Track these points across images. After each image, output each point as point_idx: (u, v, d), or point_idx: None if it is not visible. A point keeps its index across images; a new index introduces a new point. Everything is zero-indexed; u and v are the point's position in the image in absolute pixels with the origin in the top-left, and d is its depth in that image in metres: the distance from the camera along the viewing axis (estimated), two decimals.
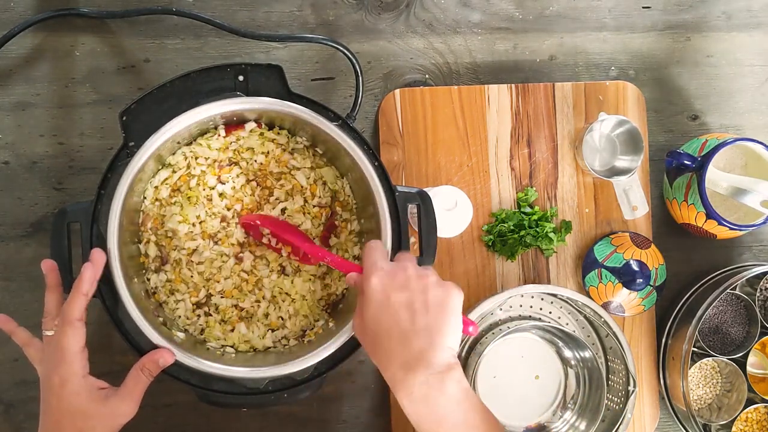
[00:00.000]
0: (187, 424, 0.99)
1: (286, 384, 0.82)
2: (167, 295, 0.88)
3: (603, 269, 1.00)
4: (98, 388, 0.75)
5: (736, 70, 1.09)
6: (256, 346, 0.88)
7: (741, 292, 1.01)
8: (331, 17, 1.04)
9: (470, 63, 1.05)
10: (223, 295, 0.88)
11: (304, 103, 0.84)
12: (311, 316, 0.90)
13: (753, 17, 1.09)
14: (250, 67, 0.84)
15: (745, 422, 1.02)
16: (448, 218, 0.97)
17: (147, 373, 0.77)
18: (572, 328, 1.02)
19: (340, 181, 0.91)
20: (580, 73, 1.07)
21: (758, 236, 1.08)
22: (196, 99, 0.82)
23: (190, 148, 0.88)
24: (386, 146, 1.01)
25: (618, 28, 1.07)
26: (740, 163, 1.02)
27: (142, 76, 1.00)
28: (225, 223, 0.88)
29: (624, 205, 1.04)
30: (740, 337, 1.03)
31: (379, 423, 1.02)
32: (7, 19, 0.99)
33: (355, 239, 0.91)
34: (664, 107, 1.08)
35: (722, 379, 1.04)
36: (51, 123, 0.99)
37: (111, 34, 1.01)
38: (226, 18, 1.01)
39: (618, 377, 0.98)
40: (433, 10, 1.05)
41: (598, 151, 1.04)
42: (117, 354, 0.98)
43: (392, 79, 1.04)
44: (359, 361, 1.02)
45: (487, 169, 1.03)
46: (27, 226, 0.98)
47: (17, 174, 0.99)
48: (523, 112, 1.03)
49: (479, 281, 1.02)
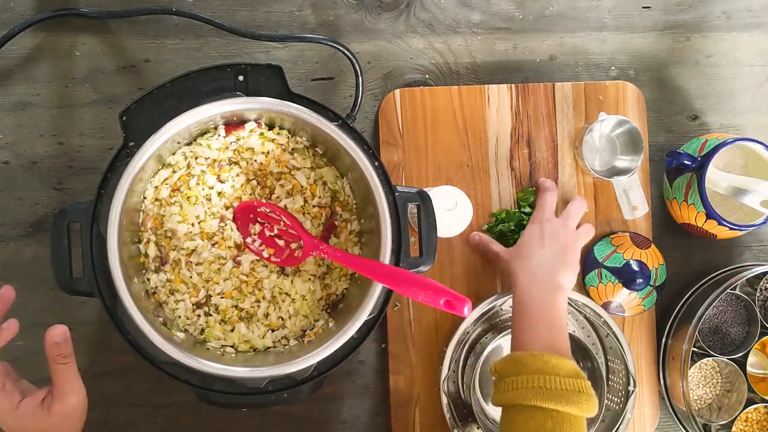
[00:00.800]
0: (187, 424, 0.99)
1: (286, 384, 0.82)
2: (167, 295, 0.88)
3: (603, 269, 1.00)
4: (37, 405, 0.72)
5: (736, 70, 1.09)
6: (256, 346, 0.88)
7: (741, 292, 1.01)
8: (331, 17, 1.04)
9: (470, 63, 1.05)
10: (222, 296, 0.88)
11: (304, 103, 0.84)
12: (311, 316, 0.90)
13: (753, 17, 1.09)
14: (250, 67, 0.84)
15: (745, 422, 1.02)
16: (448, 218, 0.97)
17: (61, 359, 0.72)
18: (572, 328, 1.02)
19: (340, 181, 0.91)
20: (580, 73, 1.07)
21: (758, 236, 1.08)
22: (196, 99, 0.82)
23: (190, 148, 0.88)
24: (386, 146, 1.01)
25: (618, 28, 1.07)
26: (740, 163, 1.02)
27: (142, 76, 1.00)
28: (224, 223, 0.88)
29: (624, 205, 1.04)
30: (740, 337, 1.03)
31: (379, 423, 1.02)
32: (7, 19, 0.99)
33: (355, 239, 0.91)
34: (664, 107, 1.08)
35: (722, 379, 1.04)
36: (51, 123, 0.99)
37: (111, 34, 1.01)
38: (226, 18, 1.01)
39: (618, 377, 0.98)
40: (433, 10, 1.05)
41: (598, 151, 1.04)
42: (117, 354, 0.98)
43: (392, 79, 1.04)
44: (359, 361, 1.02)
45: (487, 169, 1.03)
46: (27, 226, 0.98)
47: (17, 174, 0.99)
48: (523, 112, 1.03)
49: (479, 281, 1.02)
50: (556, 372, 0.80)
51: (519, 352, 0.85)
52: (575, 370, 0.82)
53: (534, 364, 0.81)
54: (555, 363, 0.81)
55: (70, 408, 0.72)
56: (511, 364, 0.83)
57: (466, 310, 0.76)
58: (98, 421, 0.98)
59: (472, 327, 0.98)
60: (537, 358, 0.82)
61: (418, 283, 0.78)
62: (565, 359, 0.82)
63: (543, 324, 0.87)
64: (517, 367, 0.82)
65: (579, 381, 0.81)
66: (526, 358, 0.82)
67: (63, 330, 0.72)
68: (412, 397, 1.00)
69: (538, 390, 0.79)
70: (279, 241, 0.89)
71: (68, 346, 0.72)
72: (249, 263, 0.88)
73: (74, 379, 0.73)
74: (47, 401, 0.72)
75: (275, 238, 0.89)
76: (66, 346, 0.72)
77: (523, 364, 0.82)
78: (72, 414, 0.73)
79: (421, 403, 1.00)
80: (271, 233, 0.89)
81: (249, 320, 0.89)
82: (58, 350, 0.72)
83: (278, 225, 0.89)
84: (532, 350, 0.84)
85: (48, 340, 0.71)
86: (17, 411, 0.71)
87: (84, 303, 0.97)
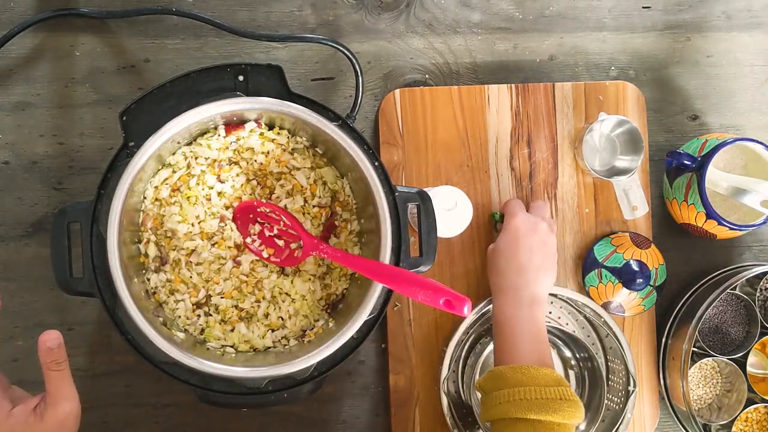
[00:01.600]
0: (187, 424, 0.99)
1: (286, 384, 0.82)
2: (167, 295, 0.88)
3: (603, 269, 1.00)
4: (29, 413, 0.70)
5: (736, 70, 1.09)
6: (256, 346, 0.88)
7: (741, 292, 1.01)
8: (331, 17, 1.04)
9: (470, 63, 1.05)
10: (222, 296, 0.88)
11: (304, 103, 0.84)
12: (311, 316, 0.90)
13: (753, 17, 1.09)
14: (250, 67, 0.84)
15: (745, 422, 1.02)
16: (448, 218, 0.97)
17: (55, 366, 0.70)
18: (572, 328, 1.02)
19: (340, 181, 0.91)
20: (580, 73, 1.07)
21: (758, 236, 1.08)
22: (196, 99, 0.82)
23: (190, 148, 0.88)
24: (386, 146, 1.02)
25: (618, 28, 1.07)
26: (740, 163, 1.02)
27: (142, 76, 1.00)
28: (223, 223, 0.88)
29: (624, 205, 1.04)
30: (740, 337, 1.03)
31: (379, 423, 1.02)
32: (7, 19, 0.99)
33: (355, 239, 0.91)
34: (664, 107, 1.08)
35: (722, 379, 1.04)
36: (51, 123, 0.99)
37: (111, 34, 1.01)
38: (226, 18, 1.01)
39: (618, 377, 0.98)
40: (433, 10, 1.05)
41: (598, 151, 1.04)
42: (117, 354, 0.98)
43: (392, 79, 1.04)
44: (359, 361, 1.02)
45: (487, 169, 1.03)
46: (27, 226, 0.98)
47: (17, 174, 0.99)
48: (523, 112, 1.03)
49: (479, 281, 1.02)
50: (536, 382, 0.81)
51: (500, 367, 0.86)
52: (556, 378, 0.82)
53: (514, 377, 0.82)
54: (534, 373, 0.82)
55: (63, 415, 0.70)
56: (492, 379, 0.84)
57: (465, 310, 0.76)
58: (98, 421, 0.98)
59: (472, 327, 0.98)
60: (516, 370, 0.83)
61: (417, 282, 0.78)
62: (545, 369, 0.83)
63: (521, 338, 0.88)
64: (498, 382, 0.83)
65: (560, 389, 0.81)
66: (506, 371, 0.84)
67: (56, 335, 0.70)
68: (412, 397, 1.00)
69: (519, 402, 0.80)
70: (278, 242, 0.89)
71: (62, 352, 0.71)
72: (249, 263, 0.88)
73: (68, 385, 0.71)
74: (40, 408, 0.71)
75: (275, 238, 0.89)
76: (60, 352, 0.70)
77: (504, 378, 0.83)
78: (65, 421, 0.71)
79: (421, 403, 1.00)
80: (271, 233, 0.89)
81: (249, 320, 0.89)
82: (52, 356, 0.70)
83: (278, 225, 0.89)
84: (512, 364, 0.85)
85: (41, 346, 0.70)
86: (8, 420, 0.69)
87: (84, 303, 0.97)
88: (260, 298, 0.89)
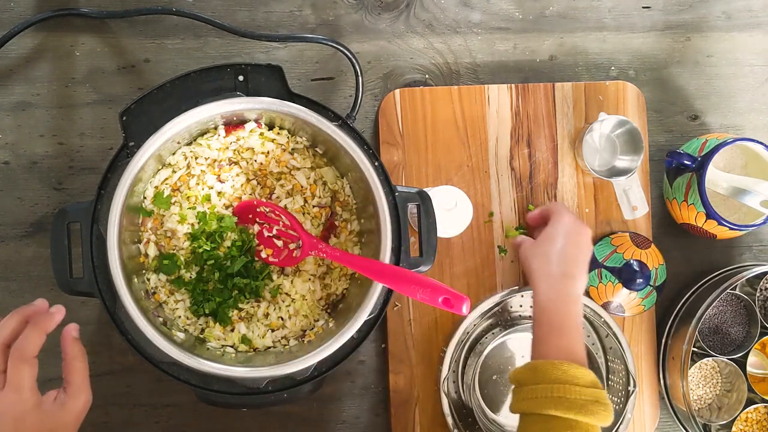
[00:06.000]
0: (187, 424, 0.99)
1: (286, 384, 0.82)
2: (167, 295, 0.88)
3: (603, 269, 1.00)
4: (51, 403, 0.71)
5: (736, 70, 1.09)
6: (256, 345, 0.88)
7: (741, 292, 1.01)
8: (331, 17, 1.04)
9: (470, 63, 1.05)
10: None
11: (304, 103, 0.84)
12: (311, 316, 0.90)
13: (753, 17, 1.09)
14: (250, 67, 0.84)
15: (745, 422, 1.02)
16: (448, 218, 0.97)
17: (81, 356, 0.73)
18: None
19: (340, 181, 0.91)
20: (580, 73, 1.07)
21: (758, 236, 1.08)
22: (196, 99, 0.82)
23: (190, 148, 0.88)
24: (386, 146, 1.02)
25: (618, 28, 1.07)
26: (740, 163, 1.02)
27: (142, 76, 1.00)
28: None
29: (624, 205, 1.04)
30: (740, 337, 1.03)
31: (379, 423, 1.02)
32: (7, 19, 0.99)
33: (355, 239, 0.91)
34: (664, 107, 1.08)
35: (722, 379, 1.04)
36: (51, 123, 0.99)
37: (111, 34, 1.01)
38: (226, 18, 1.01)
39: (618, 377, 0.98)
40: (433, 10, 1.05)
41: (598, 151, 1.04)
42: (117, 354, 0.98)
43: (392, 79, 1.04)
44: (359, 361, 1.02)
45: (487, 169, 1.03)
46: (27, 226, 0.98)
47: (17, 174, 0.99)
48: (523, 112, 1.03)
49: (479, 281, 1.02)
50: (575, 382, 0.80)
51: (538, 360, 0.84)
52: (593, 380, 0.81)
53: (553, 373, 0.81)
54: (574, 373, 0.80)
55: (83, 406, 0.73)
56: (530, 372, 0.83)
57: (464, 308, 0.76)
58: (98, 421, 0.98)
59: (472, 327, 0.98)
60: (556, 367, 0.81)
61: (416, 281, 0.78)
62: (584, 369, 0.82)
63: (563, 332, 0.86)
64: (536, 376, 0.82)
65: (597, 391, 0.80)
66: (545, 366, 0.82)
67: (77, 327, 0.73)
68: (412, 397, 1.00)
69: (556, 399, 0.79)
70: (277, 242, 0.89)
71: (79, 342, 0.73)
72: None
73: (88, 378, 0.74)
74: (60, 399, 0.72)
75: (274, 238, 0.89)
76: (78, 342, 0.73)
77: (542, 373, 0.82)
78: (81, 414, 0.73)
79: (421, 403, 1.00)
80: (270, 234, 0.89)
81: (249, 320, 0.89)
82: (78, 346, 0.72)
83: (277, 225, 0.89)
84: (551, 358, 0.83)
85: (67, 336, 0.72)
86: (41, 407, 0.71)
87: (84, 303, 0.97)
88: (260, 298, 0.89)
